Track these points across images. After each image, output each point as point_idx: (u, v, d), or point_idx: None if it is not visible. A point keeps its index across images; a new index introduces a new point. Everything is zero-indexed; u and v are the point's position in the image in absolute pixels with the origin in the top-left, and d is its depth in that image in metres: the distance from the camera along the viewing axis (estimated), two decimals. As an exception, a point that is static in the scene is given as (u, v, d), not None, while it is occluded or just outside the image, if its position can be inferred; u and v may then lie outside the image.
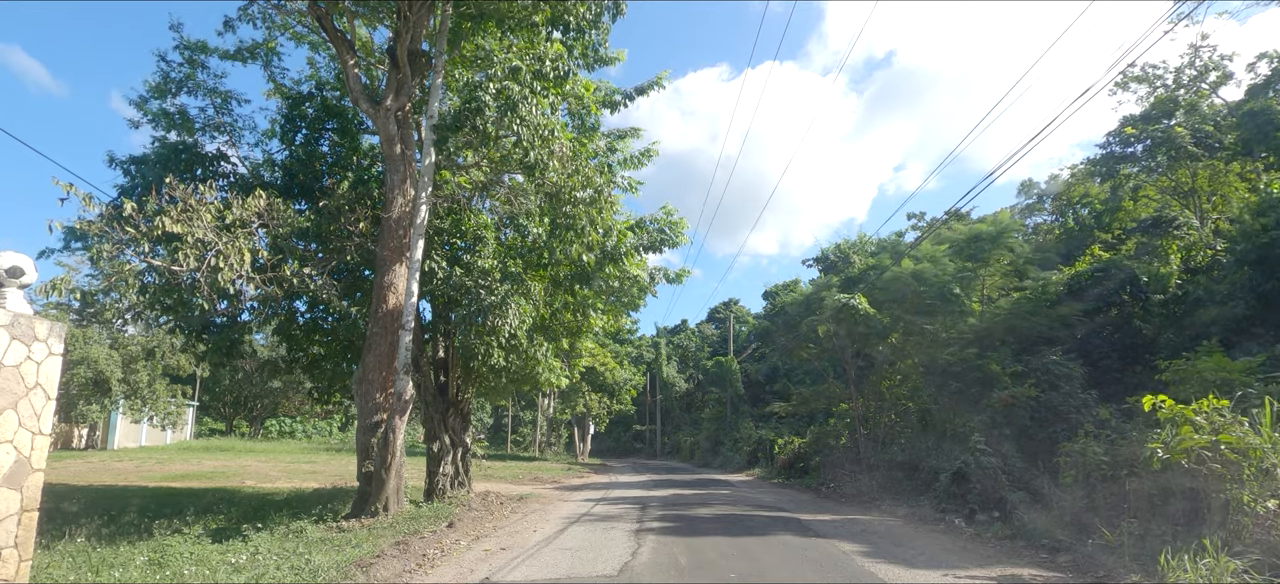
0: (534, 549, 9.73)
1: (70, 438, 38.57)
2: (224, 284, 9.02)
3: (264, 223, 10.43)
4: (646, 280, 16.03)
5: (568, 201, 11.53)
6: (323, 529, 10.54)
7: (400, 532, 10.20)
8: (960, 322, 19.50)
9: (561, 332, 15.90)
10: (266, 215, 10.23)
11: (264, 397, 56.94)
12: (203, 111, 15.33)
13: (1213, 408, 7.36)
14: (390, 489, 11.43)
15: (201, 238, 9.01)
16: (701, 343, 68.46)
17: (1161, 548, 6.92)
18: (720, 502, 16.94)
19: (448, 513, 12.24)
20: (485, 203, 15.09)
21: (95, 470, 24.74)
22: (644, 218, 15.42)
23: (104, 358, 35.77)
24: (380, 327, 11.93)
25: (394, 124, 11.99)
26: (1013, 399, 14.81)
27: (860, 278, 23.94)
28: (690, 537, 10.71)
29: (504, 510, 14.25)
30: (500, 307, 11.92)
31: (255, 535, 10.18)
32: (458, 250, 13.66)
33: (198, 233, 8.81)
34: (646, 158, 15.33)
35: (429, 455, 15.32)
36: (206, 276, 8.96)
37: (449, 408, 15.71)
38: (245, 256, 9.41)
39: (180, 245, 8.91)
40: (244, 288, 9.40)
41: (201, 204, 9.15)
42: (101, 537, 10.55)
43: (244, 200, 9.85)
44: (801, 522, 12.75)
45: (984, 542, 10.69)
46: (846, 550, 9.58)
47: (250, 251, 9.53)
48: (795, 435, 30.74)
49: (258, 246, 10.12)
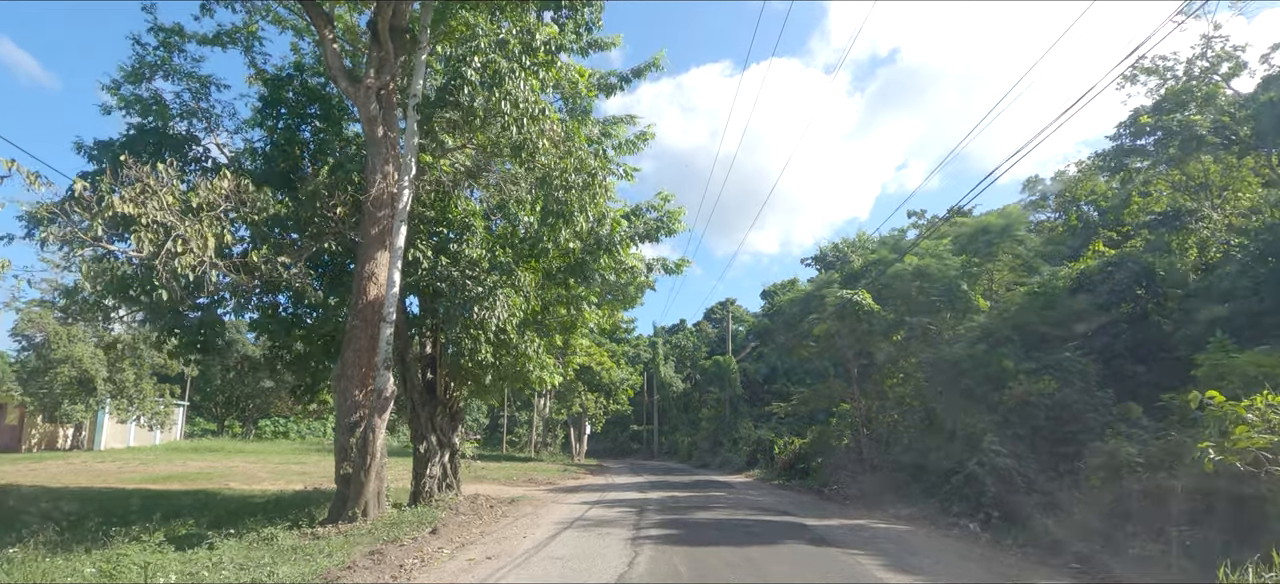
0: (522, 558, 9.02)
1: (55, 438, 37.73)
2: (183, 270, 8.28)
3: (233, 207, 9.70)
4: (643, 271, 15.31)
5: (560, 186, 10.80)
6: (295, 536, 9.82)
7: (378, 538, 9.47)
8: (966, 318, 18.88)
9: (554, 327, 15.18)
10: (235, 198, 9.50)
11: (256, 396, 56.06)
12: (179, 97, 14.59)
13: (1267, 404, 6.66)
14: (370, 492, 10.69)
15: (159, 220, 8.27)
16: (699, 343, 67.77)
17: (1215, 558, 6.23)
18: (721, 505, 16.24)
19: (432, 518, 11.52)
20: (474, 193, 14.38)
21: (75, 472, 23.97)
22: (639, 205, 14.72)
23: (88, 356, 34.95)
24: (360, 319, 11.19)
25: (375, 103, 11.26)
26: (1027, 397, 14.13)
27: (862, 274, 23.32)
28: (691, 545, 9.99)
29: (493, 514, 13.53)
30: (488, 298, 11.19)
31: (222, 543, 9.48)
32: (444, 239, 12.91)
33: (154, 215, 8.07)
34: (643, 141, 14.61)
35: (416, 456, 14.59)
36: (164, 263, 8.22)
37: (437, 406, 14.98)
38: (208, 241, 8.68)
39: (136, 229, 8.17)
40: (207, 275, 8.63)
41: (160, 185, 8.41)
42: (58, 543, 9.85)
43: (211, 182, 9.11)
44: (808, 527, 12.06)
45: (1004, 549, 10.02)
46: (861, 562, 8.87)
47: (215, 236, 8.79)
48: (795, 436, 30.07)
49: (225, 232, 9.38)
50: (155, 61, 14.09)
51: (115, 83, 14.16)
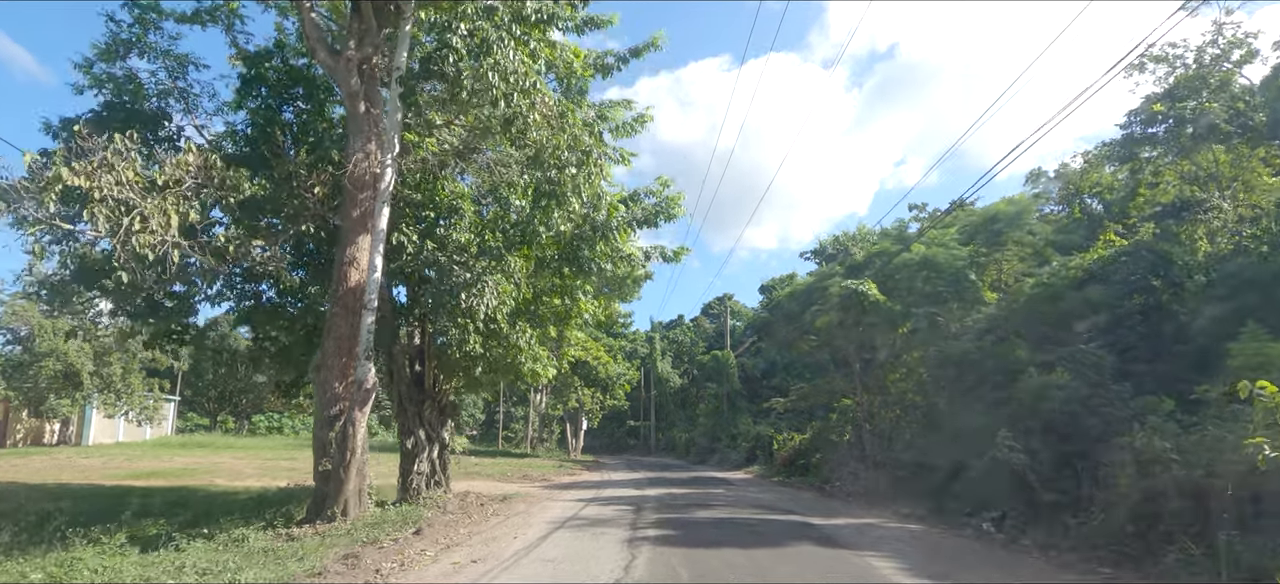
0: (511, 561, 8.41)
1: (41, 434, 36.98)
2: (142, 249, 7.63)
3: (202, 184, 9.04)
4: (641, 260, 14.66)
5: (552, 164, 10.16)
6: (269, 537, 9.19)
7: (356, 540, 8.84)
8: (973, 310, 18.30)
9: (548, 318, 14.53)
10: (203, 175, 8.84)
11: (249, 391, 55.25)
12: (154, 76, 13.94)
13: (1327, 395, 6.08)
14: (350, 490, 10.06)
15: (117, 196, 7.62)
16: (696, 338, 67.17)
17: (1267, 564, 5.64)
18: (721, 502, 15.65)
19: (417, 517, 10.89)
20: (466, 179, 13.71)
21: (58, 468, 23.34)
22: (637, 191, 14.08)
23: (74, 350, 34.21)
24: (341, 307, 10.55)
25: (356, 77, 10.58)
26: (1039, 391, 13.54)
27: (866, 265, 22.70)
28: (692, 546, 9.37)
29: (483, 513, 12.91)
30: (476, 285, 10.54)
31: (190, 545, 8.85)
32: (431, 223, 12.23)
33: (109, 189, 7.42)
34: (640, 124, 13.94)
35: (402, 452, 13.96)
36: (122, 241, 7.57)
37: (425, 400, 14.34)
38: (171, 219, 8.03)
39: (92, 204, 7.53)
40: (170, 255, 7.97)
41: (117, 157, 7.76)
42: (13, 545, 9.22)
43: (176, 157, 8.46)
44: (814, 527, 11.47)
45: (1025, 552, 9.44)
46: (874, 565, 8.26)
47: (178, 214, 8.14)
48: (795, 432, 29.50)
49: (191, 211, 8.72)
50: (130, 39, 13.42)
51: (87, 60, 13.48)
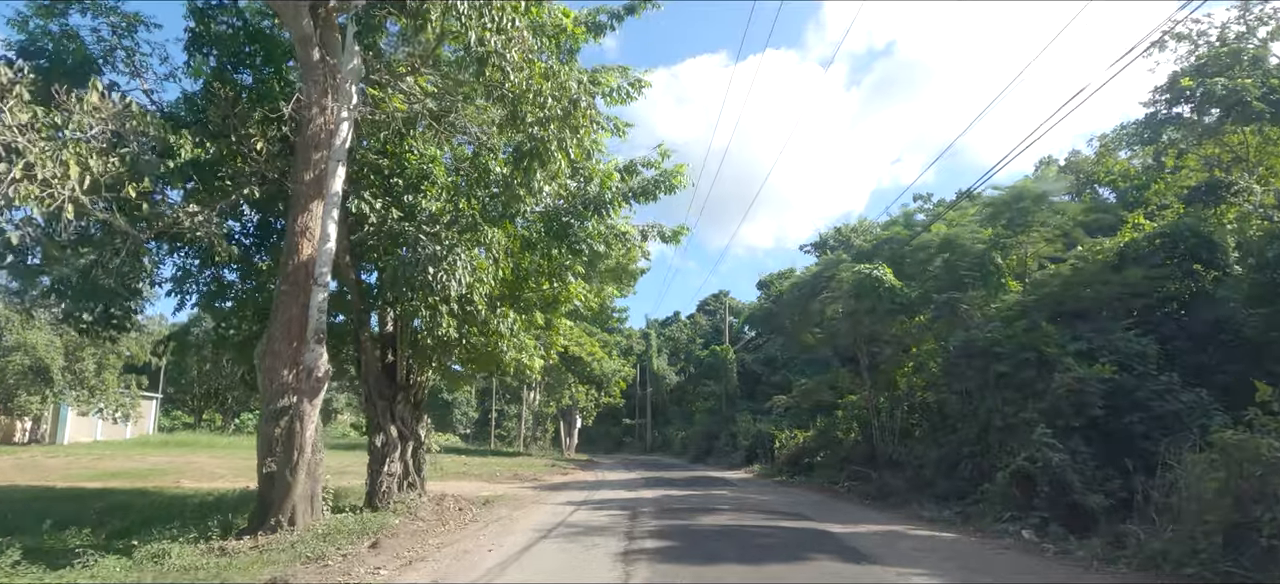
0: (481, 581, 7.00)
1: (11, 432, 35.35)
2: (24, 202, 6.20)
3: (118, 132, 7.61)
4: (637, 239, 13.24)
5: (534, 119, 8.76)
6: (198, 551, 7.77)
7: (299, 555, 7.43)
8: (997, 296, 16.97)
9: (534, 302, 13.13)
10: (116, 122, 7.40)
11: (234, 387, 53.55)
12: (97, 33, 12.53)
13: None
14: (298, 495, 8.63)
15: None
16: (693, 335, 65.86)
17: None
18: (724, 506, 14.25)
19: (378, 526, 9.47)
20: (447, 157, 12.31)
21: (19, 468, 21.85)
22: (634, 160, 12.66)
23: (43, 344, 32.62)
24: (290, 283, 9.13)
25: (308, 19, 9.14)
26: (1080, 384, 12.20)
27: (876, 251, 21.37)
28: (696, 562, 7.93)
29: (460, 519, 11.50)
30: (446, 258, 9.12)
31: (104, 560, 7.47)
32: (399, 192, 10.79)
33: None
34: (636, 89, 12.51)
35: (371, 451, 12.51)
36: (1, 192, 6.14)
37: (397, 393, 12.92)
38: (71, 170, 6.60)
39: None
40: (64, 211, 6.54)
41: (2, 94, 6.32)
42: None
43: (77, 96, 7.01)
44: (833, 536, 10.06)
45: (1081, 565, 8.07)
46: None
47: (79, 165, 6.71)
48: (798, 429, 28.13)
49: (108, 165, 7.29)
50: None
51: (22, 16, 12.09)
